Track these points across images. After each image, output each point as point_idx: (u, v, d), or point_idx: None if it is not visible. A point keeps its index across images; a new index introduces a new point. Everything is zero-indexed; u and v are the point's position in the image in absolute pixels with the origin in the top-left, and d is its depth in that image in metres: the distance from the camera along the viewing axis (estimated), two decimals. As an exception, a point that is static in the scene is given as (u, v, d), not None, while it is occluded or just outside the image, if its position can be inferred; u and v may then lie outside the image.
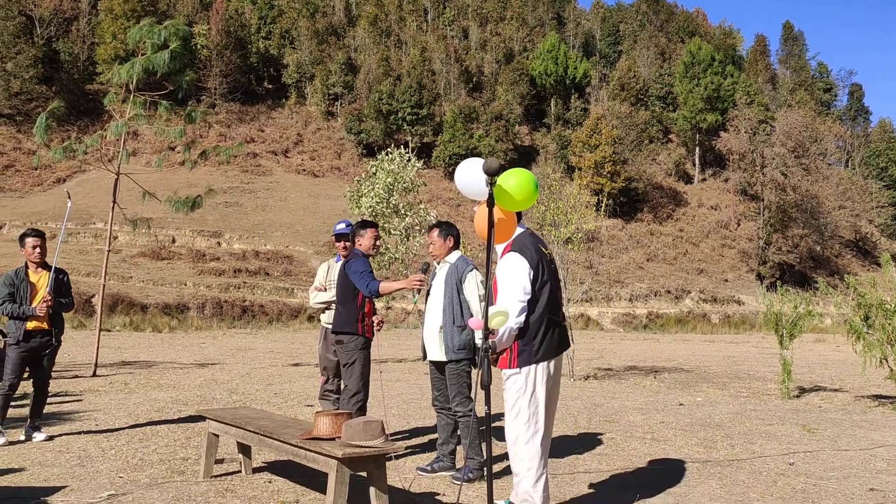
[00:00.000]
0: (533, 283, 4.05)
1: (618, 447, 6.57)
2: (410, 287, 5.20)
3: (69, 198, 8.42)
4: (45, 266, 6.84)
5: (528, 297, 4.01)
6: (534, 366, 4.04)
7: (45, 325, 6.63)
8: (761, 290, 11.74)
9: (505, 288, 4.02)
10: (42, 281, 6.72)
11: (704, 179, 72.21)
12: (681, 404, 9.49)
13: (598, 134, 60.43)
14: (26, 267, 6.77)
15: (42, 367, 6.75)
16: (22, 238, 6.82)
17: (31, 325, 6.54)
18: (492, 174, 3.33)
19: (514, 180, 3.53)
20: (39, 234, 6.86)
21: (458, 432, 5.51)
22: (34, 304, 6.55)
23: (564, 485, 5.22)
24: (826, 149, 67.93)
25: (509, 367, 4.06)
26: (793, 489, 5.20)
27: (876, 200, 70.86)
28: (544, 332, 4.07)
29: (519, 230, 4.20)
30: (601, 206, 15.23)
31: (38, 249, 6.76)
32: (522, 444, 4.01)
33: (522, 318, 3.98)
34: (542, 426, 4.06)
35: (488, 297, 3.51)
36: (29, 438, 6.58)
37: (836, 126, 76.54)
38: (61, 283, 6.87)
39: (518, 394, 4.05)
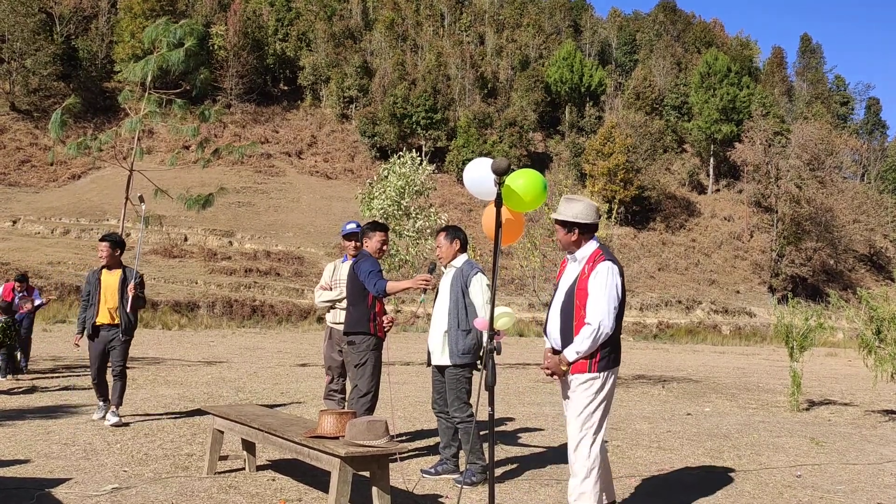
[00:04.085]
0: (621, 292, 4.17)
1: (623, 455, 6.53)
2: (416, 287, 5.20)
3: (142, 202, 8.67)
4: (119, 266, 7.53)
5: (619, 305, 4.11)
6: (608, 371, 4.14)
7: (112, 321, 7.30)
8: (772, 302, 11.66)
9: (601, 295, 4.06)
10: (110, 281, 7.37)
11: (718, 190, 71.90)
12: (688, 414, 9.44)
13: (611, 142, 60.29)
14: (102, 267, 7.50)
15: (112, 358, 7.35)
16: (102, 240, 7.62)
17: (99, 320, 7.25)
18: (500, 174, 3.32)
19: (523, 181, 3.52)
20: (109, 240, 7.58)
21: (460, 436, 5.49)
22: (101, 303, 7.25)
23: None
24: (842, 162, 67.54)
25: (588, 371, 4.09)
26: (799, 501, 5.16)
27: (891, 215, 70.38)
28: (619, 341, 4.21)
29: (595, 244, 4.25)
30: (612, 214, 15.17)
31: (106, 252, 7.46)
32: (587, 446, 4.08)
33: (614, 325, 4.07)
34: (603, 431, 4.17)
35: (493, 299, 3.50)
36: (102, 418, 7.33)
37: (853, 139, 76.03)
38: (125, 282, 7.41)
39: (592, 397, 4.11)
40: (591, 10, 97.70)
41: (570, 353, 4.05)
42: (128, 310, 7.26)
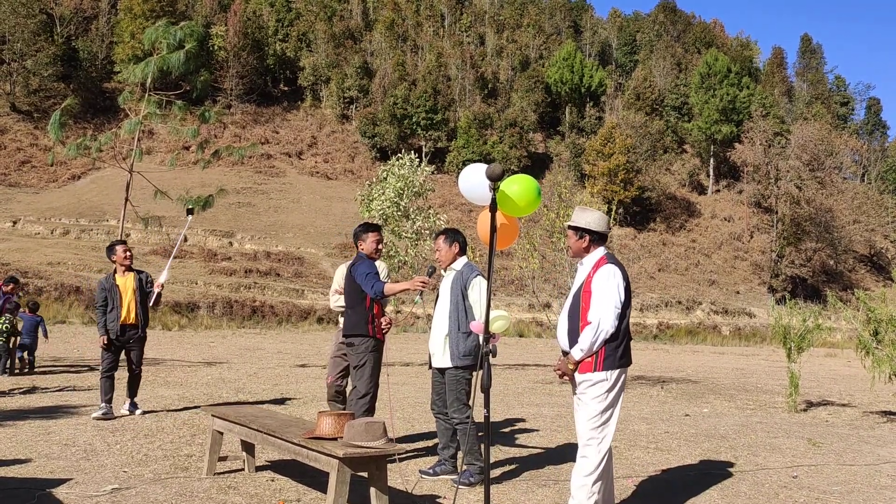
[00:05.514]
0: (624, 292, 4.28)
1: (621, 456, 6.56)
2: (414, 289, 5.24)
3: (190, 214, 9.03)
4: (131, 270, 8.01)
5: (622, 305, 4.21)
6: (617, 370, 4.22)
7: (133, 321, 7.82)
8: (771, 303, 11.66)
9: (602, 295, 4.20)
10: (127, 283, 7.83)
11: (718, 191, 71.91)
12: (686, 415, 9.46)
13: (611, 143, 60.30)
14: (114, 272, 7.93)
15: (131, 355, 7.90)
16: (112, 247, 8.03)
17: (123, 321, 7.71)
18: (494, 180, 3.36)
19: (517, 186, 3.56)
20: (125, 244, 8.16)
21: (458, 437, 5.52)
22: (122, 306, 7.73)
23: (565, 492, 5.21)
24: (842, 162, 67.59)
25: (593, 371, 4.19)
26: (795, 502, 5.18)
27: (891, 215, 70.39)
28: (627, 342, 4.29)
29: (602, 251, 4.39)
30: (612, 215, 15.18)
31: (129, 253, 7.99)
32: (595, 444, 4.19)
33: (616, 323, 4.17)
34: (612, 430, 4.26)
35: (489, 302, 3.53)
36: (131, 413, 7.87)
37: (853, 140, 76.06)
38: (144, 283, 8.01)
39: (598, 397, 4.20)
40: (592, 11, 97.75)
41: (576, 353, 4.19)
42: (150, 304, 7.88)
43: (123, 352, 7.93)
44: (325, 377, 6.99)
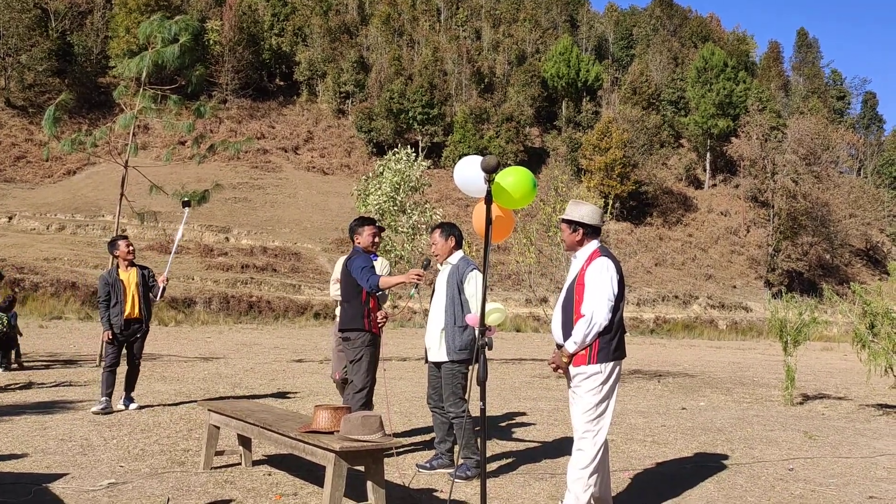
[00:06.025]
0: (617, 285, 4.29)
1: (618, 449, 6.57)
2: (409, 282, 5.23)
3: (187, 206, 9.04)
4: (133, 265, 8.02)
5: (615, 298, 4.22)
6: (611, 363, 4.23)
7: (137, 315, 7.87)
8: (767, 297, 11.69)
9: (595, 288, 4.21)
10: (130, 278, 7.86)
11: (715, 185, 71.95)
12: (683, 408, 9.48)
13: (608, 137, 60.26)
14: (117, 267, 7.95)
15: (133, 349, 7.96)
16: (114, 242, 8.06)
17: (127, 316, 7.77)
18: (490, 172, 3.36)
19: (512, 178, 3.56)
20: (128, 238, 8.20)
21: (455, 431, 5.52)
22: (126, 301, 7.76)
23: (562, 485, 5.22)
24: (838, 157, 67.56)
25: (587, 364, 4.21)
26: (791, 494, 5.20)
27: (888, 209, 70.46)
28: (620, 335, 4.30)
29: (596, 244, 4.41)
30: (608, 209, 15.19)
31: (131, 248, 8.01)
32: (591, 437, 4.21)
33: (609, 316, 4.18)
34: (608, 423, 4.28)
35: (485, 295, 3.52)
36: (126, 407, 7.86)
37: (849, 134, 76.10)
38: (147, 278, 8.04)
39: (593, 389, 4.22)
40: (588, 5, 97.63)
41: (570, 345, 4.20)
42: (158, 299, 7.93)
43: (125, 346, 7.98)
44: (332, 373, 6.97)
